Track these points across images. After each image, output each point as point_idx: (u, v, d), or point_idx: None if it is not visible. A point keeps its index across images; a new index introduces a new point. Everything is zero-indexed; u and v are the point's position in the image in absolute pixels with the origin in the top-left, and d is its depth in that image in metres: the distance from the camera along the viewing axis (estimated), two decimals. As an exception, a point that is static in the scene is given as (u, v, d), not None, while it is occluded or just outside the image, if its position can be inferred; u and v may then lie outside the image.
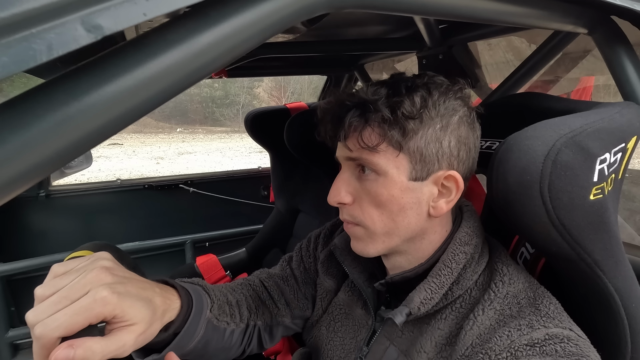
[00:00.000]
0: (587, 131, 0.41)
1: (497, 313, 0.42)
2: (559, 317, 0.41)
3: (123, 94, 0.20)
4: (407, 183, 0.44)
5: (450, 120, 0.45)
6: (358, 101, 0.44)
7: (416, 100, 0.43)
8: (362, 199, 0.46)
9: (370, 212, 0.46)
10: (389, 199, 0.44)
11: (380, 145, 0.43)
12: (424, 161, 0.44)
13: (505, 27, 0.80)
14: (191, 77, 0.23)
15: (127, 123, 0.21)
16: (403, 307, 0.45)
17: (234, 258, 1.44)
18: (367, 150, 0.43)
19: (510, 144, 0.41)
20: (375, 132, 0.43)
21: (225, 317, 0.53)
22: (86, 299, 0.32)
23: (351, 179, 0.47)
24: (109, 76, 0.20)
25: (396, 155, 0.43)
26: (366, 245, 0.48)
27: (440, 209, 0.46)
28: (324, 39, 1.09)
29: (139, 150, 9.75)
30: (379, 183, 0.44)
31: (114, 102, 0.20)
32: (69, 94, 0.19)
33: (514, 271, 0.46)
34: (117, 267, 0.37)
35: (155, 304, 0.38)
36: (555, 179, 0.38)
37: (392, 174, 0.44)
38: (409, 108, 0.42)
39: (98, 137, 0.20)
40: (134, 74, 0.20)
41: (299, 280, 0.64)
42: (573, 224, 0.40)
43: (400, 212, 0.45)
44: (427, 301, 0.44)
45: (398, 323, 0.44)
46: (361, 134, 0.44)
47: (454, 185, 0.46)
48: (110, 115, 0.20)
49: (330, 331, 0.58)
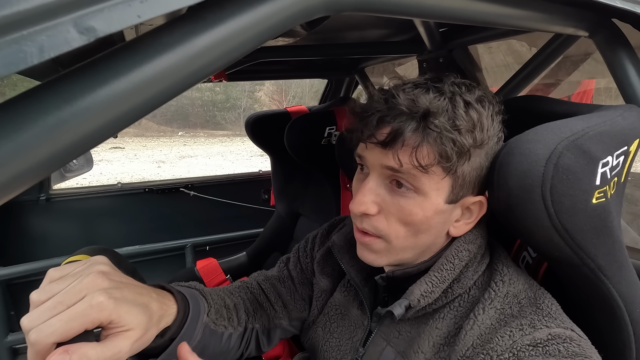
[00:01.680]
0: (589, 134, 0.40)
1: (498, 312, 0.42)
2: (560, 317, 0.41)
3: (118, 97, 0.20)
4: (442, 206, 0.43)
5: (494, 147, 0.44)
6: (419, 111, 0.39)
7: (477, 122, 0.41)
8: (390, 212, 0.43)
9: (396, 228, 0.43)
10: (421, 219, 0.42)
11: (433, 167, 0.40)
12: (462, 186, 0.43)
13: (506, 31, 0.80)
14: (187, 80, 0.23)
15: (121, 126, 0.21)
16: (402, 299, 0.45)
17: (235, 262, 1.44)
18: (417, 168, 0.40)
19: (511, 148, 0.41)
20: (432, 151, 0.40)
21: (222, 321, 0.52)
22: (82, 304, 0.31)
23: (380, 188, 0.44)
24: (103, 79, 0.19)
25: (442, 177, 0.41)
26: (380, 257, 0.46)
27: (461, 230, 0.46)
28: (325, 42, 1.09)
29: (141, 154, 9.77)
30: (416, 202, 0.42)
31: (108, 105, 0.20)
32: (62, 97, 0.19)
33: (514, 272, 0.45)
34: (113, 272, 0.36)
35: (151, 309, 0.38)
36: (557, 182, 0.38)
37: (431, 195, 0.42)
38: (470, 134, 0.40)
39: (92, 140, 0.20)
40: (129, 77, 0.20)
41: (295, 281, 0.63)
42: (576, 228, 0.40)
43: (426, 231, 0.44)
44: (428, 294, 0.44)
45: (397, 315, 0.43)
46: (417, 151, 0.39)
47: (477, 209, 0.45)
48: (104, 119, 0.20)
49: (327, 332, 0.57)
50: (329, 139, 1.08)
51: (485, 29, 0.85)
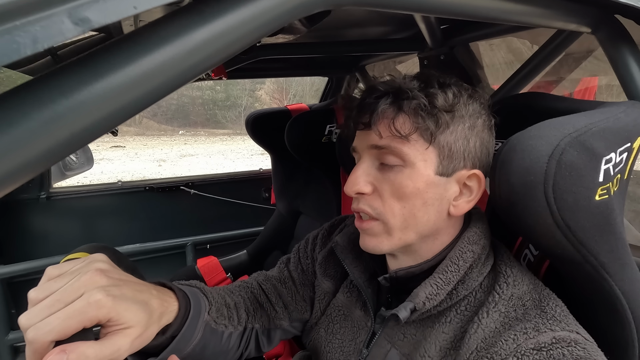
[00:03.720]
0: (592, 130, 0.40)
1: (502, 315, 0.41)
2: (566, 319, 0.40)
3: (114, 91, 0.20)
4: (433, 177, 0.44)
5: (476, 122, 0.46)
6: (392, 88, 0.44)
7: (449, 95, 0.43)
8: (384, 189, 0.44)
9: (391, 204, 0.44)
10: (413, 191, 0.43)
11: (412, 134, 0.42)
12: (451, 157, 0.44)
13: (508, 27, 0.79)
14: (185, 75, 0.23)
15: (118, 121, 0.21)
16: (407, 302, 0.44)
17: (235, 260, 1.43)
18: (398, 138, 0.42)
19: (514, 144, 0.40)
20: (409, 120, 0.43)
21: (223, 320, 0.52)
22: (80, 302, 0.31)
23: (371, 168, 0.46)
24: (99, 73, 0.19)
25: (426, 147, 0.43)
26: (381, 241, 0.46)
27: (461, 209, 0.46)
28: (325, 40, 1.09)
29: (141, 153, 9.77)
30: (405, 174, 0.43)
31: (104, 99, 0.19)
32: (58, 90, 0.18)
33: (518, 273, 0.45)
34: (112, 270, 0.36)
35: (151, 306, 0.38)
36: (559, 179, 0.37)
37: (419, 166, 0.43)
38: (443, 101, 0.43)
39: (88, 135, 0.20)
40: (126, 71, 0.20)
41: (296, 282, 0.63)
42: (578, 226, 0.39)
43: (422, 207, 0.44)
44: (433, 297, 0.44)
45: (402, 318, 0.43)
46: (394, 121, 0.43)
47: (476, 185, 0.46)
48: (101, 113, 0.20)
49: (329, 333, 0.57)
50: (329, 137, 1.08)
51: (486, 25, 0.85)
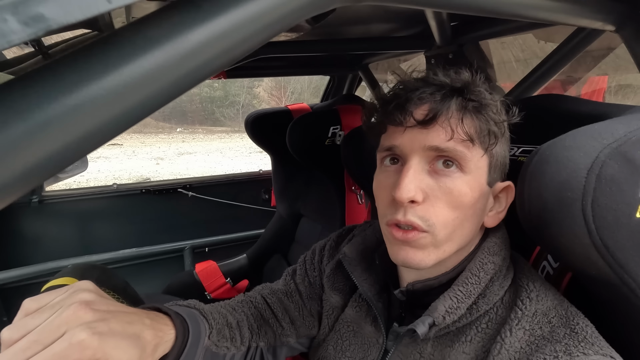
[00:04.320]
0: (632, 140, 0.36)
1: (527, 334, 0.38)
2: (598, 342, 0.37)
3: (87, 106, 0.15)
4: (485, 186, 0.42)
5: (508, 133, 0.45)
6: (458, 83, 0.40)
7: (499, 105, 0.42)
8: (437, 198, 0.40)
9: (445, 215, 0.40)
10: (471, 200, 0.40)
11: (475, 139, 0.39)
12: (495, 167, 0.43)
13: (522, 24, 0.76)
14: (179, 84, 0.19)
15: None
16: (426, 316, 0.41)
17: (235, 264, 1.40)
18: (465, 141, 0.39)
19: (546, 155, 0.37)
20: (475, 122, 0.40)
21: (225, 342, 0.48)
22: (61, 343, 0.27)
23: (422, 173, 0.40)
24: (66, 85, 0.15)
25: (481, 155, 0.41)
26: (428, 255, 0.41)
27: (494, 220, 0.44)
28: (328, 37, 1.04)
29: (139, 151, 9.69)
30: (464, 181, 0.40)
31: (73, 118, 0.15)
32: (14, 110, 0.14)
33: (542, 287, 0.42)
34: (99, 300, 0.32)
35: (144, 339, 0.34)
36: (599, 195, 0.34)
37: (476, 173, 0.41)
38: (499, 107, 0.41)
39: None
40: (102, 82, 0.16)
41: (303, 295, 0.59)
42: (617, 245, 0.35)
43: (471, 217, 0.41)
44: (453, 310, 0.41)
45: (421, 334, 0.40)
46: (462, 121, 0.39)
47: (505, 197, 0.45)
48: (69, 136, 0.16)
49: (338, 351, 0.54)
50: (333, 139, 1.04)
51: (498, 22, 0.81)
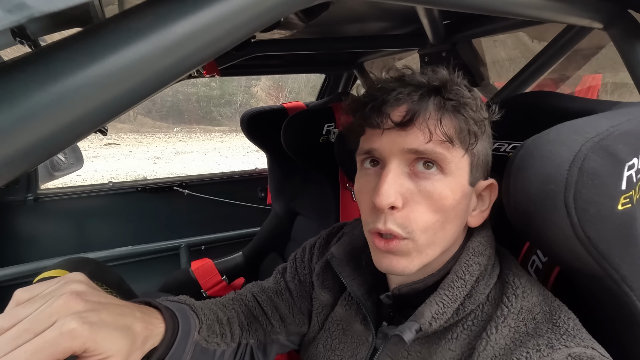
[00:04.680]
0: (615, 134, 0.37)
1: (512, 331, 0.39)
2: (580, 334, 0.37)
3: (98, 83, 0.16)
4: (467, 187, 0.41)
5: (489, 130, 0.44)
6: (435, 82, 0.39)
7: (479, 103, 0.41)
8: (417, 202, 0.39)
9: (424, 219, 0.39)
10: (452, 203, 0.39)
11: (455, 140, 0.38)
12: (477, 166, 0.42)
13: (514, 23, 0.76)
14: (163, 75, 0.19)
15: (103, 119, 0.17)
16: (412, 322, 0.41)
17: (231, 262, 1.40)
18: (444, 143, 0.38)
19: (531, 149, 0.37)
20: (453, 122, 0.38)
21: (215, 338, 0.48)
22: (51, 332, 0.27)
23: (401, 177, 0.39)
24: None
25: (462, 155, 0.39)
26: (411, 261, 0.40)
27: (478, 219, 0.44)
28: (323, 36, 1.05)
29: (136, 150, 9.66)
30: (445, 184, 0.39)
31: (87, 92, 0.16)
32: (32, 81, 0.15)
33: (527, 283, 0.42)
34: (90, 291, 0.33)
35: (134, 331, 0.34)
36: (581, 188, 0.34)
37: (457, 175, 0.40)
38: (478, 105, 0.40)
39: (69, 135, 0.17)
40: (111, 60, 0.16)
41: (293, 293, 0.60)
42: (600, 237, 0.36)
43: (453, 219, 0.40)
44: (440, 316, 0.40)
45: (407, 340, 0.40)
46: (441, 122, 0.37)
47: (488, 195, 0.44)
48: (83, 108, 0.16)
49: (328, 349, 0.54)
50: (327, 137, 1.04)
51: (491, 21, 0.81)
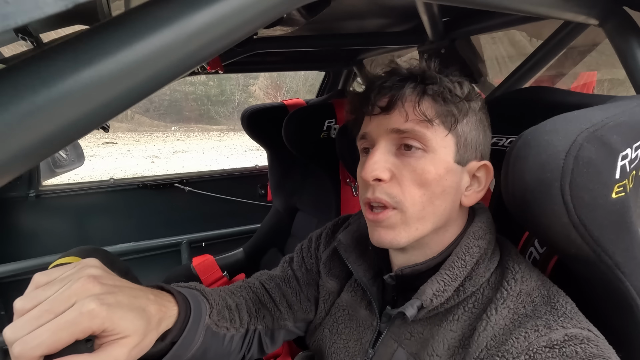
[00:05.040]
0: (609, 125, 0.38)
1: (511, 312, 0.40)
2: (577, 316, 0.39)
3: (103, 80, 0.17)
4: (452, 164, 0.44)
5: (482, 116, 0.47)
6: (417, 71, 0.44)
7: (465, 88, 0.45)
8: (403, 176, 0.43)
9: (411, 192, 0.43)
10: (435, 177, 0.43)
11: (435, 120, 0.42)
12: (466, 146, 0.45)
13: (511, 19, 0.78)
14: (184, 63, 0.20)
15: (107, 115, 0.18)
16: (414, 299, 0.43)
17: (231, 258, 1.41)
18: (422, 122, 0.42)
19: (528, 139, 0.39)
20: (433, 105, 0.43)
21: (224, 323, 0.50)
22: (71, 312, 0.29)
23: (389, 154, 0.44)
24: (86, 59, 0.17)
25: (445, 134, 0.43)
26: (398, 233, 0.44)
27: (472, 199, 0.46)
28: (323, 33, 1.06)
29: (134, 149, 9.64)
30: (427, 160, 0.43)
31: (91, 89, 0.17)
32: (39, 78, 0.16)
33: (526, 269, 0.44)
34: (106, 275, 0.34)
35: (149, 313, 0.35)
36: (576, 176, 0.36)
37: (440, 152, 0.43)
38: (461, 92, 0.44)
39: (71, 131, 0.17)
40: (117, 57, 0.17)
41: (300, 281, 0.61)
42: (595, 224, 0.38)
43: (441, 195, 0.43)
44: (440, 293, 0.43)
45: (409, 316, 0.42)
46: (419, 104, 0.42)
47: (484, 176, 0.47)
48: (87, 106, 0.17)
49: (334, 333, 0.56)
50: (328, 133, 1.05)
51: (489, 18, 0.83)
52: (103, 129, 1.11)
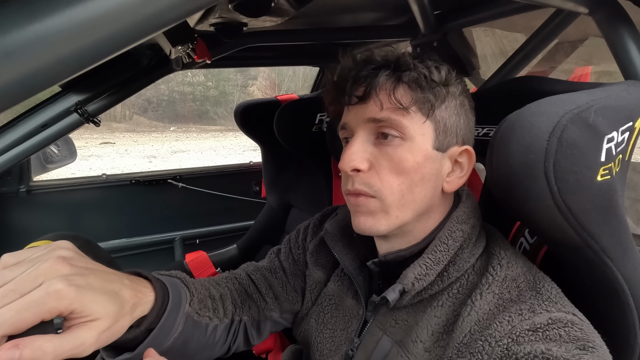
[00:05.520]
0: (594, 107, 0.38)
1: (496, 297, 0.40)
2: (561, 301, 0.39)
3: (52, 37, 0.16)
4: (431, 151, 0.43)
5: (464, 100, 0.46)
6: (390, 59, 0.43)
7: (442, 72, 0.43)
8: (381, 165, 0.43)
9: (389, 180, 0.43)
10: (413, 165, 0.42)
11: (412, 107, 0.42)
12: (445, 132, 0.44)
13: (502, 11, 0.77)
14: (139, 27, 0.19)
15: (54, 78, 0.17)
16: (396, 284, 0.43)
17: (225, 255, 1.40)
18: (398, 110, 0.42)
19: (512, 122, 0.38)
20: (409, 92, 0.42)
21: (207, 312, 0.49)
22: (37, 292, 0.28)
23: (367, 144, 0.44)
24: (33, 14, 0.16)
25: (423, 121, 0.43)
26: (378, 220, 0.44)
27: (454, 184, 0.46)
28: (315, 26, 1.05)
29: (132, 149, 9.61)
30: (405, 148, 0.42)
31: (39, 47, 0.16)
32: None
33: (512, 255, 0.44)
34: (77, 257, 0.33)
35: (123, 297, 0.35)
36: (560, 158, 0.35)
37: (418, 139, 0.43)
38: (439, 76, 0.43)
39: (20, 90, 0.17)
40: (67, 13, 0.17)
41: (287, 272, 0.61)
42: (579, 208, 0.37)
43: (420, 182, 0.43)
44: (422, 277, 0.42)
45: (391, 300, 0.42)
46: (394, 92, 0.42)
47: (466, 161, 0.46)
48: (30, 66, 0.16)
49: (320, 323, 0.55)
50: (320, 126, 1.05)
51: (481, 9, 0.82)
52: (94, 123, 1.10)
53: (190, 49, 0.62)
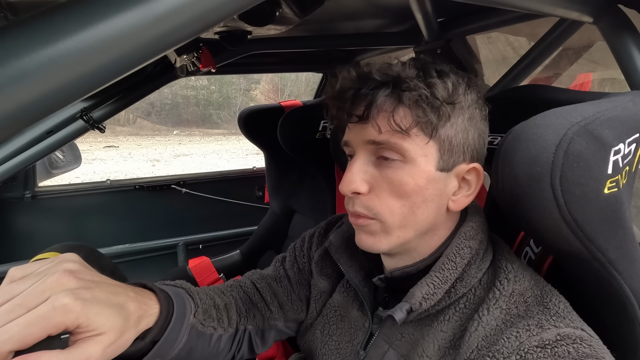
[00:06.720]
0: (600, 119, 0.38)
1: (504, 312, 0.39)
2: (570, 316, 0.38)
3: (62, 60, 0.17)
4: (433, 173, 0.41)
5: (474, 112, 0.43)
6: (389, 77, 0.40)
7: (449, 85, 0.40)
8: (381, 188, 0.42)
9: (389, 204, 0.41)
10: (414, 189, 0.41)
11: (413, 129, 0.39)
12: (451, 151, 0.42)
13: (506, 19, 0.77)
14: (150, 47, 0.20)
15: (69, 97, 0.18)
16: (403, 303, 0.42)
17: (228, 260, 1.40)
18: (398, 133, 0.39)
19: (518, 134, 0.38)
20: (410, 113, 0.40)
21: (211, 322, 0.49)
22: (44, 306, 0.28)
23: (367, 165, 0.43)
24: (45, 37, 0.16)
25: (426, 142, 0.40)
26: (379, 240, 0.43)
27: (460, 203, 0.44)
28: (319, 33, 1.06)
29: (135, 153, 9.66)
30: (405, 171, 0.41)
31: (50, 70, 0.16)
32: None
33: (519, 268, 0.43)
34: (83, 270, 0.33)
35: (128, 310, 0.35)
36: (567, 170, 0.35)
37: (420, 162, 0.41)
38: (444, 92, 0.40)
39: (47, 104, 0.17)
40: (78, 37, 0.17)
41: (292, 281, 0.61)
42: (586, 220, 0.37)
43: (422, 204, 0.42)
44: (430, 296, 0.41)
45: (398, 320, 0.41)
46: (393, 114, 0.39)
47: (474, 179, 0.44)
48: (48, 85, 0.17)
49: (325, 335, 0.55)
50: (323, 133, 1.05)
51: (484, 17, 0.82)
52: (99, 129, 1.11)
53: (195, 58, 0.62)
